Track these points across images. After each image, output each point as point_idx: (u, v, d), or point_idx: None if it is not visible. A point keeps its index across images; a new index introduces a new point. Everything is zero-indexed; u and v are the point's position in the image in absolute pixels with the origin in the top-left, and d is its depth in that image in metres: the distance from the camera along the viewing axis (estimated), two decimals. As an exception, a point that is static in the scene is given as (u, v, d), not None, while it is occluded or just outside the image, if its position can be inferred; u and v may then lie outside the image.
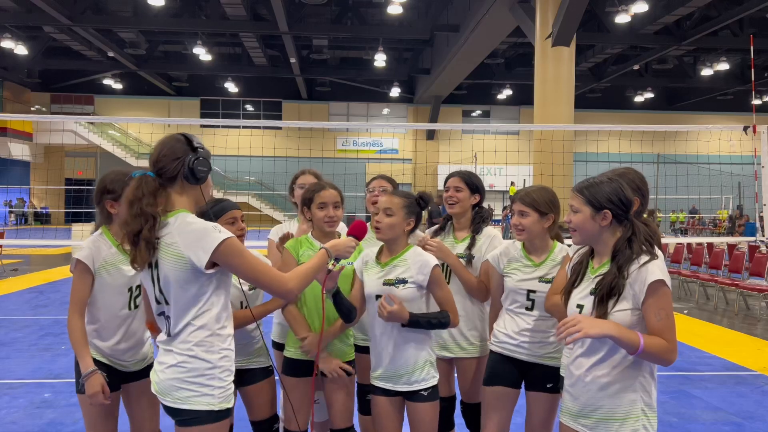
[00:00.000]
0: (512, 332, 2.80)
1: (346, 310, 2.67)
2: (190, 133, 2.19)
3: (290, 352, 2.87)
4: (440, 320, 2.67)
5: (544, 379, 2.78)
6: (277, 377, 2.99)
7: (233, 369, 2.16)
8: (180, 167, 2.11)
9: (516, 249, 2.89)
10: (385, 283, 2.67)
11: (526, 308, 2.79)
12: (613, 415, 2.10)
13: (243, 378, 2.87)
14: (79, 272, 2.65)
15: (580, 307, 2.21)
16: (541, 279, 2.77)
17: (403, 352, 2.65)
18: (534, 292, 2.77)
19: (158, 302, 2.15)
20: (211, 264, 2.04)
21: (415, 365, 2.66)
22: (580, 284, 2.26)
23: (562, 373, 2.73)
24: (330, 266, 2.45)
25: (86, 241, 2.74)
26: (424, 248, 2.92)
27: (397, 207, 2.68)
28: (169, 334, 2.12)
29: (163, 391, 2.10)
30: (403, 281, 2.66)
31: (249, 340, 2.91)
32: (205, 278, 2.07)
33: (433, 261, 2.71)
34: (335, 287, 2.57)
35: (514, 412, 2.89)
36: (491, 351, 2.89)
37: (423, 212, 2.82)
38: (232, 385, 2.15)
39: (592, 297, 2.17)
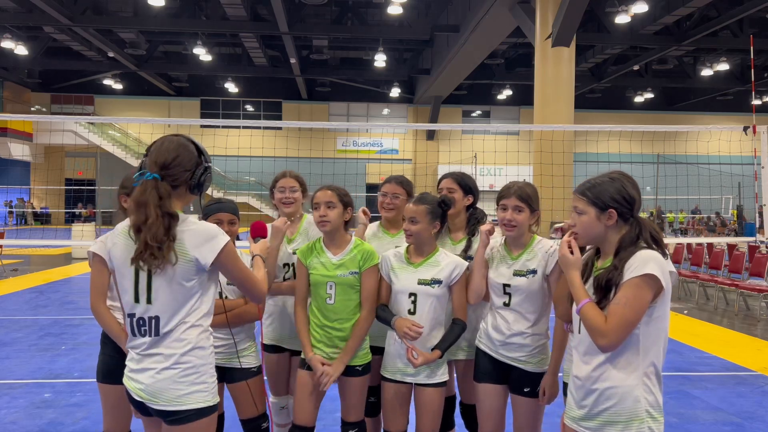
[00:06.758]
0: (492, 329, 2.82)
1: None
2: (196, 140, 2.23)
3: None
4: (458, 334, 2.83)
5: (521, 382, 2.78)
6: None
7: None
8: (189, 179, 2.16)
9: (498, 243, 2.91)
10: (419, 282, 2.82)
11: (504, 303, 2.79)
12: (617, 418, 2.06)
13: (233, 376, 2.92)
14: (95, 264, 2.72)
15: None
16: (516, 273, 2.77)
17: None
18: (509, 286, 2.78)
19: (137, 302, 2.12)
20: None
21: (435, 362, 2.83)
22: (585, 284, 2.23)
23: (565, 379, 2.73)
24: None
25: (102, 235, 2.81)
26: None
27: (422, 214, 2.82)
28: (156, 334, 2.11)
29: (153, 394, 2.09)
30: (438, 282, 2.81)
31: (242, 339, 2.98)
32: (205, 276, 2.15)
33: (465, 263, 2.86)
34: None
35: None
36: (477, 348, 2.91)
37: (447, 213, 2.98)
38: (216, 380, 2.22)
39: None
